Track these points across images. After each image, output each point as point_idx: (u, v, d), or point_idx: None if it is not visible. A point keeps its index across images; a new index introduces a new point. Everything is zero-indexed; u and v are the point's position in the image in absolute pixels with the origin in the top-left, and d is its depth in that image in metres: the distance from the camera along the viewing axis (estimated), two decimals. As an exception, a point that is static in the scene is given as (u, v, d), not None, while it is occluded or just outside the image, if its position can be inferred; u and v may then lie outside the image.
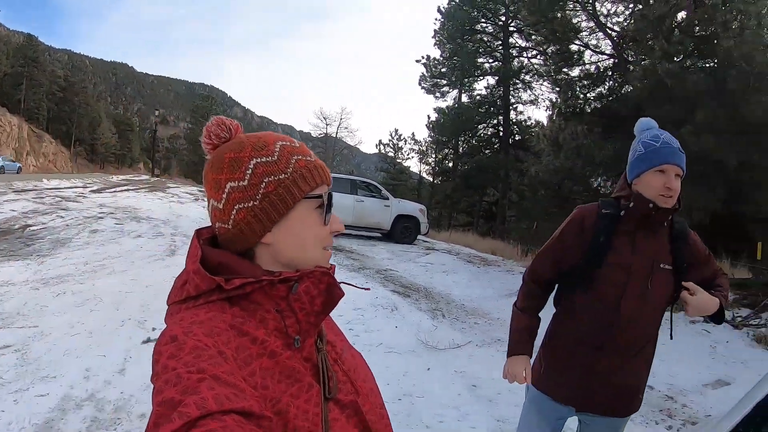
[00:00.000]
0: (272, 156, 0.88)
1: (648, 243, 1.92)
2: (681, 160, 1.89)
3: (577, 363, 1.97)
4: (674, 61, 10.14)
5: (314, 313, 0.87)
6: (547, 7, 13.02)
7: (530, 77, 28.61)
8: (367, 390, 0.97)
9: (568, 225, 2.04)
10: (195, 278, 0.83)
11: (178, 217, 14.39)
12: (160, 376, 0.71)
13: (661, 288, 1.92)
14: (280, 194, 0.86)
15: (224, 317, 0.81)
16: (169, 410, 0.65)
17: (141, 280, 6.92)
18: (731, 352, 7.06)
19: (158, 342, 0.77)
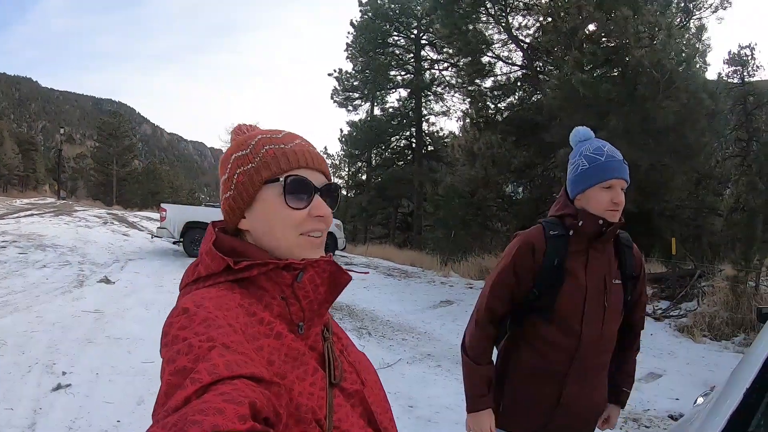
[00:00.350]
0: (246, 149, 0.93)
1: (599, 260, 1.86)
2: (626, 172, 1.83)
3: (541, 397, 1.87)
4: (586, 71, 10.66)
5: (318, 301, 0.90)
6: (460, 20, 13.34)
7: (442, 89, 29.20)
8: (372, 383, 0.99)
9: (518, 253, 1.90)
10: (206, 258, 0.89)
11: (86, 243, 13.39)
12: (171, 346, 0.73)
13: (616, 304, 1.88)
14: (244, 183, 0.91)
15: (233, 296, 0.84)
16: (182, 378, 0.66)
17: (47, 317, 6.27)
18: (657, 344, 7.35)
19: (169, 315, 0.80)
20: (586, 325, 1.81)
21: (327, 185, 0.95)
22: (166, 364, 0.71)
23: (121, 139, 63.62)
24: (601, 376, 1.92)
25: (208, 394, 0.63)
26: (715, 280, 8.80)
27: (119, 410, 3.99)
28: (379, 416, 0.95)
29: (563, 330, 1.83)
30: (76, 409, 3.94)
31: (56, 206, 30.27)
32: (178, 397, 0.64)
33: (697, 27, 11.00)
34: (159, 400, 0.68)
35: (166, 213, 12.96)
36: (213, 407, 0.61)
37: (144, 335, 5.90)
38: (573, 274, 1.83)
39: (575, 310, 1.82)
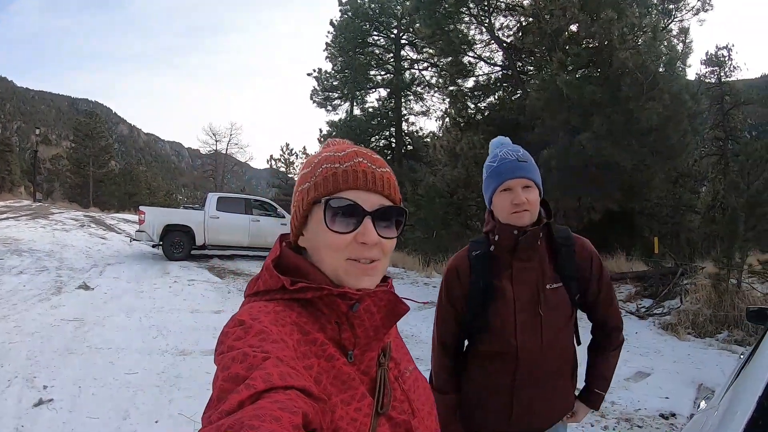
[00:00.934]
0: (309, 167, 0.93)
1: (528, 269, 1.80)
2: (524, 170, 1.77)
3: (493, 408, 1.87)
4: (570, 72, 10.71)
5: (373, 328, 0.88)
6: (443, 20, 13.34)
7: (422, 89, 29.24)
8: (425, 414, 0.97)
9: (446, 280, 1.91)
10: (265, 275, 0.90)
11: (63, 247, 13.10)
12: (226, 354, 0.74)
13: (558, 309, 1.81)
14: (299, 201, 0.92)
15: (290, 314, 0.84)
16: (235, 384, 0.67)
17: (25, 327, 6.11)
18: (643, 342, 7.42)
19: (226, 325, 0.81)
20: (521, 336, 1.77)
21: (382, 209, 0.89)
22: (219, 371, 0.72)
23: (98, 139, 62.63)
24: (554, 384, 1.86)
25: (262, 401, 0.64)
26: (697, 278, 8.91)
27: (105, 426, 3.88)
28: None
29: (500, 345, 1.81)
30: (60, 426, 3.82)
31: (32, 209, 29.67)
32: (232, 401, 0.65)
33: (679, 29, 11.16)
34: (210, 404, 0.68)
35: (146, 216, 12.78)
36: (269, 414, 0.62)
37: (126, 344, 5.78)
38: (500, 290, 1.80)
39: (506, 324, 1.79)
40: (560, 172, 10.62)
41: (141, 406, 4.26)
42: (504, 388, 1.82)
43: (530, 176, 1.77)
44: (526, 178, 1.76)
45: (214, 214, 13.26)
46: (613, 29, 9.17)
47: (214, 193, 14.21)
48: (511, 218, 1.75)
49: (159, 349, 5.81)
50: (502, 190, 1.76)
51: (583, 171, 10.54)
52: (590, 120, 9.84)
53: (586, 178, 10.67)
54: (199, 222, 13.21)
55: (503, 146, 1.86)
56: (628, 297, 9.87)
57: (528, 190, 1.75)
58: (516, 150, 1.82)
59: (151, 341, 6.10)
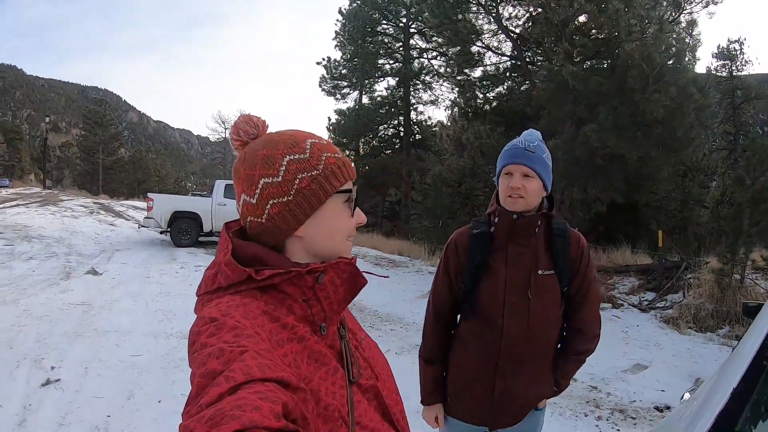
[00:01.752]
0: (304, 153, 0.91)
1: (522, 254, 1.86)
2: (526, 158, 1.82)
3: (476, 388, 1.92)
4: (576, 63, 10.66)
5: (337, 301, 0.91)
6: (450, 9, 13.26)
7: (430, 78, 29.18)
8: (385, 376, 1.03)
9: (446, 252, 1.99)
10: (226, 270, 0.87)
11: (72, 233, 13.27)
12: (201, 351, 0.73)
13: (546, 295, 1.86)
14: (313, 190, 0.90)
15: (257, 304, 0.85)
16: (213, 379, 0.67)
17: (34, 311, 6.22)
18: (643, 335, 7.42)
19: (195, 324, 0.81)
20: (507, 318, 1.83)
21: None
22: (196, 368, 0.72)
23: (107, 127, 62.89)
24: (537, 370, 1.91)
25: (242, 392, 0.65)
26: (701, 273, 8.87)
27: (109, 405, 3.97)
28: (392, 408, 0.99)
29: (486, 324, 1.87)
30: (65, 405, 3.92)
31: (42, 196, 29.94)
32: (212, 393, 0.65)
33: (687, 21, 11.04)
34: (190, 400, 0.68)
35: (153, 203, 12.87)
36: (250, 404, 0.62)
37: (132, 328, 5.88)
38: (492, 269, 1.87)
39: (495, 304, 1.84)
40: (566, 163, 10.59)
41: (145, 387, 4.36)
42: (486, 370, 1.89)
43: (532, 165, 1.82)
44: (527, 166, 1.81)
45: (221, 201, 13.33)
46: (620, 20, 9.10)
47: (222, 180, 14.27)
48: (507, 202, 1.83)
49: (164, 333, 5.92)
50: (504, 174, 1.85)
51: (588, 162, 10.50)
52: (596, 111, 9.79)
53: (591, 169, 10.63)
54: (207, 209, 13.31)
55: (526, 135, 1.92)
56: (631, 290, 9.86)
57: (527, 179, 1.81)
58: (531, 140, 1.87)
59: (157, 325, 6.21)
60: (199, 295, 0.92)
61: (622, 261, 11.59)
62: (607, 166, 10.44)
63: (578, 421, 4.48)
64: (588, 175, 10.72)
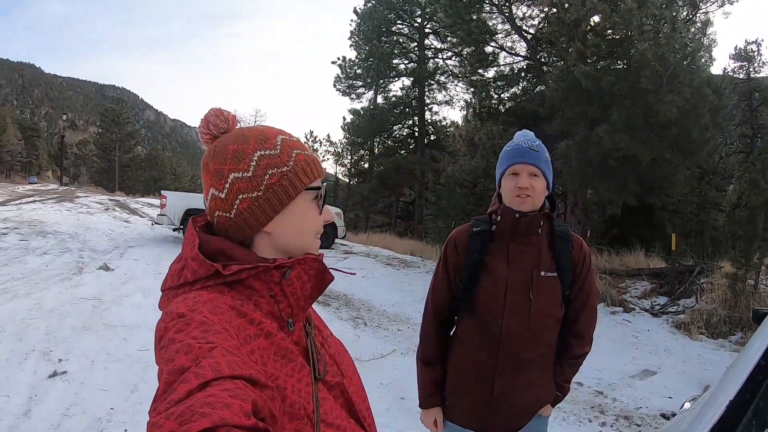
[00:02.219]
0: (275, 149, 0.92)
1: (524, 253, 1.85)
2: (532, 157, 1.82)
3: (474, 389, 1.90)
4: (589, 63, 10.58)
5: (304, 297, 0.92)
6: (463, 10, 13.23)
7: (445, 78, 29.08)
8: (351, 373, 1.03)
9: (445, 250, 1.98)
10: (193, 264, 0.87)
11: (87, 229, 13.41)
12: (168, 347, 0.73)
13: (548, 296, 1.84)
14: (283, 186, 0.90)
15: (225, 299, 0.84)
16: (181, 375, 0.66)
17: (45, 304, 6.26)
18: (653, 340, 7.35)
19: (162, 320, 0.79)
20: (507, 318, 1.81)
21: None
22: (163, 364, 0.71)
23: (124, 125, 63.72)
24: (534, 373, 1.89)
25: (211, 389, 0.64)
26: (714, 278, 8.77)
27: (113, 397, 4.00)
28: (358, 405, 0.99)
29: (485, 323, 1.85)
30: (71, 396, 3.96)
31: (59, 192, 30.32)
32: (180, 390, 0.64)
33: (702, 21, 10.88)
34: (157, 396, 0.67)
35: (167, 200, 12.97)
36: (220, 401, 0.62)
37: (140, 322, 5.91)
38: (492, 268, 1.85)
39: (496, 303, 1.83)
40: (579, 165, 10.52)
41: (150, 381, 4.38)
42: (485, 371, 1.86)
43: (538, 165, 1.82)
44: (534, 165, 1.81)
45: (235, 198, 13.38)
46: (633, 19, 9.01)
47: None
48: (514, 202, 1.81)
49: (172, 328, 5.93)
50: (510, 174, 1.83)
51: (601, 164, 10.42)
52: (609, 112, 9.71)
53: (604, 170, 10.54)
54: (220, 206, 13.37)
55: (522, 136, 1.92)
56: (643, 294, 9.76)
57: (534, 178, 1.81)
58: (533, 140, 1.88)
59: (165, 320, 6.23)
60: (164, 290, 0.91)
61: (635, 264, 11.49)
62: (620, 168, 10.35)
63: (582, 426, 4.45)
64: (601, 176, 10.63)
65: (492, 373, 1.85)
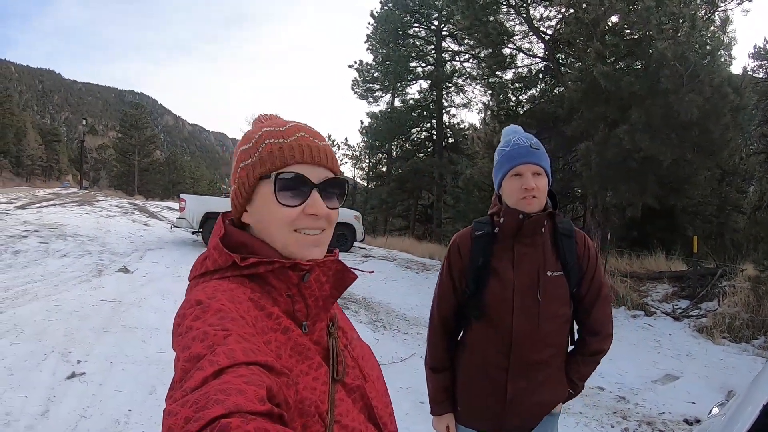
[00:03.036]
0: (249, 143, 0.94)
1: (529, 254, 1.83)
2: (535, 156, 1.80)
3: (487, 392, 1.89)
4: (608, 63, 10.48)
5: (323, 297, 0.91)
6: (480, 11, 13.17)
7: (463, 81, 28.99)
8: (374, 378, 1.01)
9: (448, 256, 1.96)
10: (214, 253, 0.90)
11: (106, 232, 13.58)
12: (185, 335, 0.74)
13: (555, 296, 1.83)
14: (243, 177, 0.92)
15: (244, 290, 0.86)
16: (197, 363, 0.67)
17: (65, 306, 6.34)
18: (675, 344, 7.24)
19: (181, 307, 0.82)
20: (517, 319, 1.80)
21: (327, 181, 0.93)
22: (180, 351, 0.72)
23: (143, 129, 64.60)
24: (545, 374, 1.87)
25: (226, 376, 0.65)
26: (737, 280, 8.63)
27: (131, 399, 4.04)
28: (379, 411, 0.97)
29: (495, 327, 1.84)
30: (89, 398, 4.00)
31: (78, 196, 30.77)
32: (196, 378, 0.65)
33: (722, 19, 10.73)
34: (174, 384, 0.69)
35: (186, 203, 13.07)
36: (235, 388, 0.63)
37: (159, 325, 5.96)
38: (499, 271, 1.84)
39: (504, 306, 1.81)
40: (598, 166, 10.42)
41: (168, 383, 4.36)
42: (498, 374, 1.85)
43: (541, 163, 1.81)
44: (537, 164, 1.80)
45: (253, 202, 13.44)
46: (651, 18, 8.89)
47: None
48: (520, 204, 1.79)
49: (191, 330, 5.95)
50: (512, 175, 1.81)
51: (621, 165, 10.31)
52: (628, 113, 9.61)
53: (624, 172, 10.42)
54: (239, 210, 13.44)
55: (516, 133, 1.91)
56: (664, 297, 9.65)
57: (538, 177, 1.80)
58: (529, 137, 1.86)
59: (184, 323, 6.26)
60: (190, 279, 0.94)
61: (656, 267, 11.35)
62: (640, 169, 10.23)
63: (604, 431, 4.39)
64: (621, 178, 10.51)
65: (504, 375, 1.84)
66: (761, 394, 1.35)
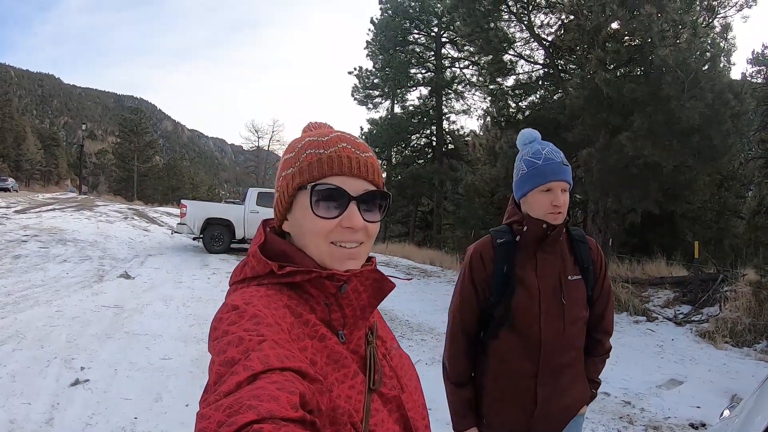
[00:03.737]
0: (292, 152, 0.94)
1: (550, 261, 1.87)
2: (566, 174, 1.84)
3: (516, 399, 1.88)
4: (609, 70, 10.51)
5: (360, 307, 0.91)
6: (482, 18, 13.22)
7: (463, 87, 29.06)
8: (412, 388, 1.00)
9: (470, 264, 1.94)
10: (252, 261, 0.91)
11: (106, 238, 13.57)
12: (221, 339, 0.75)
13: (577, 300, 1.88)
14: (283, 187, 0.92)
15: (281, 297, 0.86)
16: (232, 367, 0.68)
17: (66, 312, 6.35)
18: (678, 349, 7.23)
19: (219, 311, 0.83)
20: (545, 324, 1.82)
21: (367, 194, 0.91)
22: (215, 355, 0.73)
23: (142, 135, 64.62)
24: (570, 376, 1.91)
25: (260, 381, 0.65)
26: (738, 285, 8.63)
27: (137, 406, 4.01)
28: (415, 423, 0.95)
29: (524, 333, 1.84)
30: (93, 405, 3.97)
31: (78, 201, 30.73)
32: (230, 382, 0.66)
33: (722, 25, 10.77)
34: (208, 388, 0.70)
35: (187, 209, 13.07)
36: (268, 394, 0.63)
37: (162, 331, 5.95)
38: (524, 279, 1.85)
39: (531, 311, 1.83)
40: (600, 173, 10.43)
41: (173, 390, 4.40)
42: (527, 380, 1.85)
43: (570, 181, 1.85)
44: (567, 182, 1.83)
45: (254, 208, 13.45)
46: (653, 25, 8.93)
47: (255, 189, 14.38)
48: (549, 218, 1.82)
49: (195, 337, 5.94)
50: (543, 190, 1.82)
51: (623, 171, 10.33)
52: (630, 119, 9.63)
53: (626, 178, 10.45)
54: (239, 216, 13.45)
55: (544, 144, 1.92)
56: (666, 302, 9.64)
57: (565, 194, 1.83)
58: (558, 151, 1.89)
59: (188, 329, 6.25)
60: (230, 285, 0.94)
61: (657, 273, 11.35)
62: (642, 175, 10.25)
63: (613, 437, 4.39)
64: (623, 184, 10.53)
65: (533, 381, 1.84)
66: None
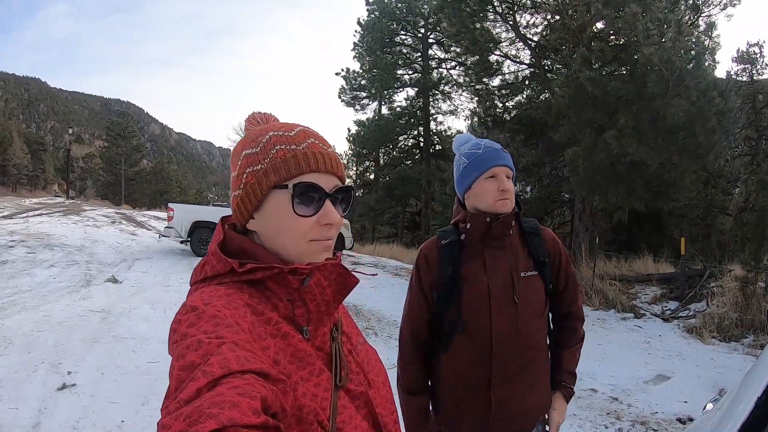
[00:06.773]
0: (257, 147, 0.90)
1: (500, 257, 1.80)
2: (508, 160, 1.80)
3: (471, 405, 1.81)
4: (594, 69, 10.58)
5: (325, 302, 0.89)
6: (467, 18, 13.26)
7: (449, 88, 29.18)
8: (379, 383, 0.99)
9: (417, 268, 1.90)
10: (212, 259, 0.88)
11: (93, 242, 13.45)
12: (180, 343, 0.73)
13: (532, 297, 1.79)
14: (253, 184, 0.89)
15: (242, 296, 0.84)
16: (191, 372, 0.67)
17: (53, 317, 6.28)
18: (666, 345, 7.29)
19: (178, 312, 0.80)
20: (495, 325, 1.74)
21: (339, 189, 0.92)
22: (175, 360, 0.72)
23: (130, 139, 64.14)
24: (531, 376, 1.81)
25: (220, 387, 0.64)
26: (725, 281, 8.72)
27: (124, 410, 3.99)
28: (384, 418, 0.95)
29: (474, 335, 1.77)
30: (81, 409, 3.94)
31: (65, 206, 30.45)
32: (189, 389, 0.64)
33: (706, 24, 10.92)
34: (168, 395, 0.68)
35: (174, 213, 12.98)
36: (228, 400, 0.62)
37: (150, 335, 5.91)
38: (471, 278, 1.79)
39: (481, 312, 1.76)
40: (586, 171, 10.49)
41: (160, 393, 4.36)
42: (480, 384, 1.78)
43: (513, 168, 1.81)
44: (510, 168, 1.79)
45: (241, 212, 13.37)
46: (637, 24, 9.01)
47: (242, 191, 14.30)
48: (497, 205, 1.76)
49: (181, 340, 5.90)
50: (486, 177, 1.77)
51: (609, 170, 10.40)
52: (615, 117, 9.70)
53: (612, 177, 10.51)
54: (227, 219, 13.36)
55: (482, 138, 1.89)
56: (653, 299, 9.73)
57: (509, 180, 1.78)
58: (494, 142, 1.84)
59: (174, 332, 6.20)
60: (191, 284, 0.92)
61: (644, 270, 11.45)
62: (628, 173, 10.33)
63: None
64: (609, 182, 10.59)
65: (487, 385, 1.77)
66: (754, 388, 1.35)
